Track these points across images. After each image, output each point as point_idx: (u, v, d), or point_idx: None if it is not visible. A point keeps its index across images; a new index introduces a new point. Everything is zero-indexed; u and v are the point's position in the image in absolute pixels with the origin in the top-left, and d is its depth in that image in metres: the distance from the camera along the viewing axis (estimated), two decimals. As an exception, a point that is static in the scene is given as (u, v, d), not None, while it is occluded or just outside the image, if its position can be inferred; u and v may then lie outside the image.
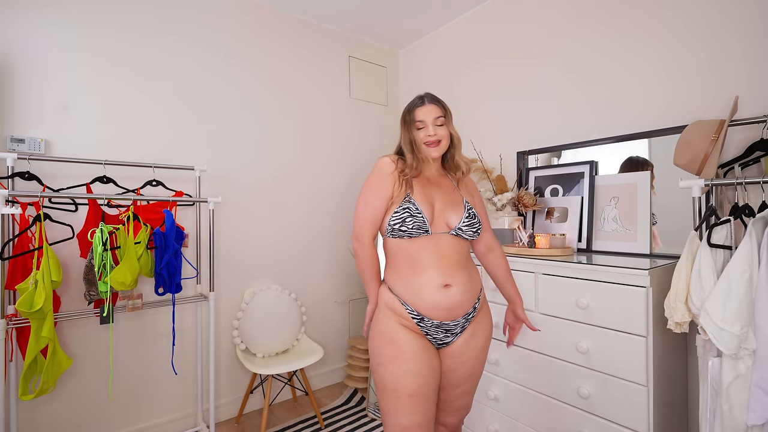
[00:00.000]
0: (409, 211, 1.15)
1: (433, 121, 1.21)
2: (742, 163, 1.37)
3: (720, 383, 1.16)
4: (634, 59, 1.73)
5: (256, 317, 2.19)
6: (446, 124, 1.24)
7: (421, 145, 1.22)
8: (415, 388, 1.11)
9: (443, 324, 1.16)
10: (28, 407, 1.68)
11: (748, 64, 1.43)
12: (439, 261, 1.15)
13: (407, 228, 1.14)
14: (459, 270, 1.18)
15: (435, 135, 1.21)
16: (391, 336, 1.16)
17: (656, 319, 1.28)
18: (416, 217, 1.15)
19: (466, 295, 1.18)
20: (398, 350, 1.14)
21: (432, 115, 1.22)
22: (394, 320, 1.17)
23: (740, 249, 1.12)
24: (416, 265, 1.16)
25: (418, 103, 1.25)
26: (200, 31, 2.16)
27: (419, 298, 1.15)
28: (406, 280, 1.17)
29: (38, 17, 1.73)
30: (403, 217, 1.15)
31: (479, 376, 1.26)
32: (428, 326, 1.16)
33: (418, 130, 1.23)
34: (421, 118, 1.22)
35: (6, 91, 1.66)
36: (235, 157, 2.27)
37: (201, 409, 2.12)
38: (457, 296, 1.15)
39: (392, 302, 1.19)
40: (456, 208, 1.21)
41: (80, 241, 1.70)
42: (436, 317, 1.15)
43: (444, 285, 1.14)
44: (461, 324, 1.19)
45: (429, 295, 1.14)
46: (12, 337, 1.56)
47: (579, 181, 1.87)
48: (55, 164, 1.74)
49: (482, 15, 2.40)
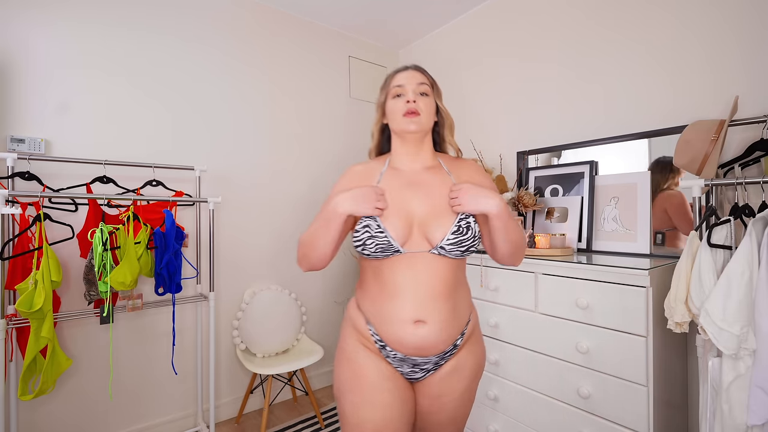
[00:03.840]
0: (369, 229, 0.90)
1: (415, 87, 0.98)
2: (742, 163, 1.37)
3: (720, 383, 1.16)
4: (634, 59, 1.73)
5: (256, 317, 2.19)
6: (432, 95, 1.00)
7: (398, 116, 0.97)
8: (380, 423, 0.90)
9: (409, 359, 0.94)
10: (27, 407, 1.68)
11: (748, 64, 1.43)
12: (413, 288, 0.91)
13: (369, 251, 0.91)
14: (439, 302, 0.92)
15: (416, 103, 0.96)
16: (351, 357, 0.96)
17: (656, 319, 1.28)
18: (377, 238, 0.90)
19: (444, 334, 0.93)
20: (359, 375, 0.94)
21: (414, 80, 0.98)
22: (356, 339, 0.98)
23: (740, 249, 1.12)
24: (385, 288, 0.93)
25: (400, 68, 1.02)
26: (200, 31, 2.16)
27: (385, 328, 0.93)
28: (373, 303, 0.96)
29: (38, 17, 1.73)
30: (363, 239, 0.91)
31: (465, 419, 1.05)
32: (391, 356, 0.95)
33: (394, 99, 0.99)
34: (400, 83, 0.98)
35: (6, 91, 1.66)
36: (235, 157, 2.27)
37: (201, 409, 2.12)
38: (431, 336, 0.91)
39: (356, 318, 1.00)
40: (441, 218, 0.93)
41: (80, 241, 1.70)
42: (401, 351, 0.94)
43: (416, 321, 0.90)
44: (434, 361, 0.96)
45: (396, 330, 0.92)
46: (12, 337, 1.56)
47: (579, 181, 1.87)
48: (55, 164, 1.74)
49: (482, 16, 2.40)
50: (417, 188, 0.98)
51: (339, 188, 0.99)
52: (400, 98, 0.98)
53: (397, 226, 0.92)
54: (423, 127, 0.98)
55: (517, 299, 1.62)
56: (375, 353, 0.96)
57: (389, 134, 1.07)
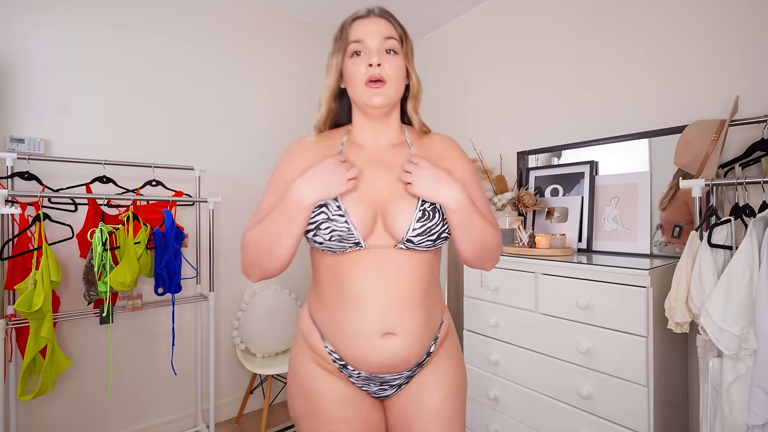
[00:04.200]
0: (326, 211, 0.72)
1: (380, 43, 0.76)
2: (742, 163, 1.37)
3: (720, 383, 1.15)
4: (634, 59, 1.73)
5: (256, 317, 2.19)
6: (402, 54, 0.79)
7: (358, 84, 0.76)
8: None
9: (376, 377, 0.79)
10: (27, 407, 1.68)
11: (748, 63, 1.43)
12: (379, 293, 0.74)
13: (322, 239, 0.72)
14: (413, 308, 0.76)
15: (381, 67, 0.75)
16: (304, 384, 0.80)
17: (657, 319, 1.28)
18: (335, 222, 0.72)
19: (418, 346, 0.78)
20: (315, 406, 0.78)
21: (378, 34, 0.76)
22: (311, 359, 0.81)
23: (741, 249, 1.12)
24: (345, 294, 0.75)
25: (360, 13, 0.80)
26: (199, 32, 2.15)
27: (345, 343, 0.77)
28: (329, 313, 0.79)
29: (38, 17, 1.72)
30: (317, 221, 0.72)
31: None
32: (354, 376, 0.80)
33: (352, 58, 0.77)
34: (359, 36, 0.76)
35: (5, 91, 1.66)
36: (235, 157, 2.27)
37: (201, 409, 2.12)
38: (403, 350, 0.76)
39: (309, 333, 0.82)
40: (402, 203, 0.75)
41: (80, 241, 1.70)
42: (366, 370, 0.78)
43: (384, 333, 0.74)
44: (405, 375, 0.81)
45: (360, 345, 0.75)
46: (11, 338, 1.56)
47: (579, 181, 1.87)
48: (55, 164, 1.73)
49: (481, 16, 2.40)
50: (379, 168, 0.79)
51: (289, 167, 0.81)
52: (359, 58, 0.76)
53: (360, 209, 0.73)
54: (390, 100, 0.78)
55: (517, 299, 1.62)
56: (334, 374, 0.80)
57: (349, 103, 0.86)
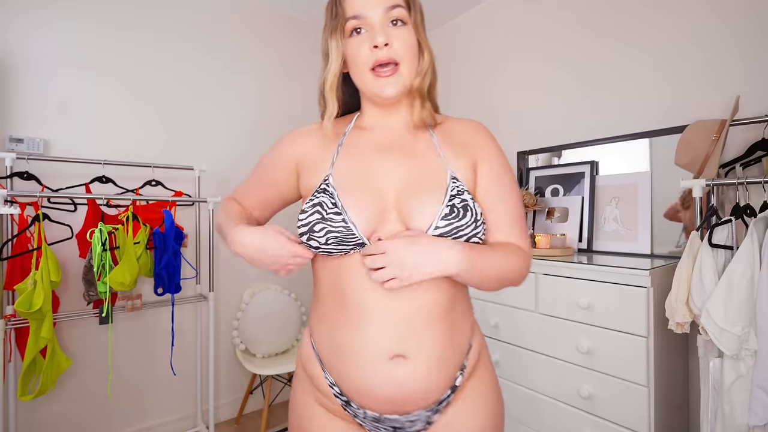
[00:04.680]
0: (321, 209, 0.62)
1: (384, 15, 0.62)
2: (743, 163, 1.37)
3: (721, 384, 1.15)
4: (635, 59, 1.72)
5: (256, 317, 2.18)
6: (411, 23, 0.65)
7: (362, 71, 0.64)
8: None
9: (386, 418, 0.64)
10: (27, 408, 1.68)
11: (749, 63, 1.43)
12: (390, 304, 0.61)
13: (317, 242, 0.62)
14: (429, 325, 0.62)
15: (389, 46, 0.62)
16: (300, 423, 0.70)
17: (657, 320, 1.27)
18: (331, 222, 0.61)
19: (436, 375, 0.63)
20: None
21: (381, 3, 0.62)
22: (310, 394, 0.69)
23: (741, 249, 1.12)
24: (346, 306, 0.63)
25: None
26: (199, 32, 2.15)
27: (347, 371, 0.63)
28: (330, 332, 0.66)
29: (38, 17, 1.72)
30: (310, 223, 0.62)
31: None
32: (360, 416, 0.65)
33: (350, 38, 0.65)
34: (356, 11, 0.62)
35: (5, 91, 1.65)
36: (235, 157, 2.27)
37: (201, 409, 2.12)
38: (416, 380, 0.61)
39: (309, 361, 0.70)
40: (424, 195, 0.64)
41: (79, 241, 1.70)
42: (373, 408, 0.63)
43: (392, 356, 0.61)
44: (424, 418, 0.65)
45: (362, 371, 0.62)
46: (11, 338, 1.55)
47: (580, 181, 1.87)
48: (54, 164, 1.73)
49: (480, 16, 2.40)
50: (392, 154, 0.67)
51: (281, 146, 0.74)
52: (359, 37, 0.63)
53: (363, 205, 0.63)
54: (406, 86, 0.66)
55: (517, 299, 1.62)
56: (338, 414, 0.67)
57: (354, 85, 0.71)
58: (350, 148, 0.69)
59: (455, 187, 0.64)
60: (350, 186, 0.64)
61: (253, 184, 0.78)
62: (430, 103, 0.71)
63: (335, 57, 0.65)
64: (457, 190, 0.64)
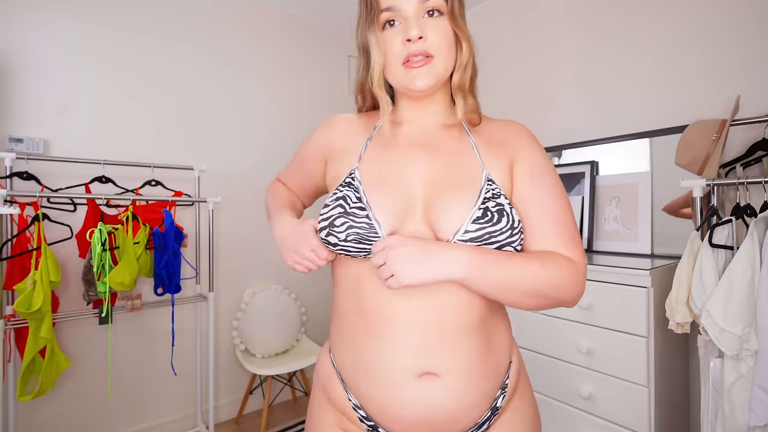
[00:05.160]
0: (344, 203, 0.60)
1: (418, 6, 0.59)
2: (743, 162, 1.37)
3: (721, 384, 1.15)
4: (635, 58, 1.72)
5: (256, 317, 2.18)
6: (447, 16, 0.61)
7: (394, 65, 0.61)
8: None
9: None
10: (26, 408, 1.67)
11: (749, 63, 1.42)
12: (418, 314, 0.57)
13: (336, 239, 0.58)
14: (464, 339, 0.58)
15: (423, 39, 0.59)
16: None
17: (657, 320, 1.27)
18: (354, 217, 0.58)
19: (474, 395, 0.58)
20: None
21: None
22: (331, 416, 0.64)
23: (742, 249, 1.11)
24: (368, 316, 0.59)
25: None
26: (199, 33, 2.15)
27: (370, 389, 0.59)
28: (351, 344, 0.62)
29: (38, 17, 1.72)
30: (331, 217, 0.59)
31: None
32: None
33: (384, 31, 0.61)
34: (389, 2, 0.59)
35: (4, 91, 1.65)
36: (235, 157, 2.27)
37: (200, 409, 2.11)
38: (451, 400, 0.56)
39: (329, 382, 0.65)
40: (454, 196, 0.59)
41: (79, 241, 1.70)
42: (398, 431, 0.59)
43: (421, 373, 0.56)
44: None
45: (388, 391, 0.57)
46: (10, 338, 1.55)
47: (580, 180, 1.87)
48: (54, 164, 1.73)
49: (480, 16, 2.40)
50: (424, 151, 0.64)
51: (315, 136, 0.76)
52: (393, 29, 0.60)
53: (390, 200, 0.59)
54: (440, 78, 0.62)
55: (517, 299, 1.61)
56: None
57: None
58: (380, 143, 0.66)
59: (491, 190, 0.59)
60: (377, 181, 0.61)
61: (293, 169, 0.80)
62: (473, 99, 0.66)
63: (377, 51, 0.61)
64: (493, 192, 0.59)
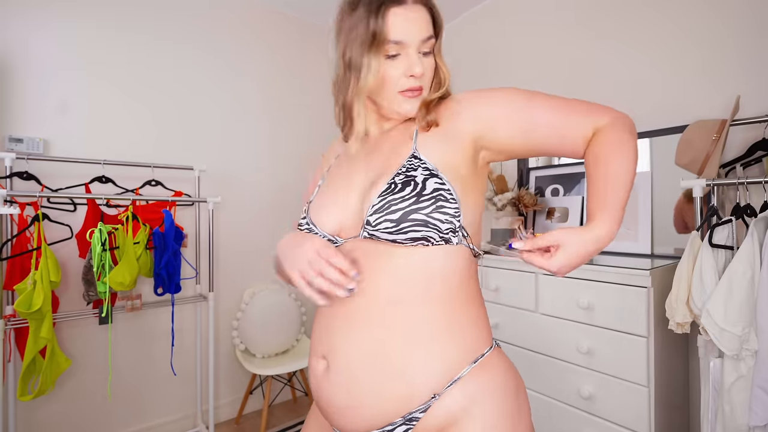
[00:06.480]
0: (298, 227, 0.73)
1: (419, 46, 0.63)
2: (743, 162, 1.37)
3: (721, 384, 1.15)
4: (635, 58, 1.72)
5: (256, 318, 2.18)
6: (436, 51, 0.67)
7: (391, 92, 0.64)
8: None
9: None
10: (26, 408, 1.68)
11: (749, 63, 1.42)
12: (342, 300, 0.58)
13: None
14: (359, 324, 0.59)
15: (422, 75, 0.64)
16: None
17: (657, 320, 1.27)
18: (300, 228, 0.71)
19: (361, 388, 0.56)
20: None
21: (420, 33, 0.62)
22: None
23: (742, 249, 1.11)
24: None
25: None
26: (199, 33, 2.15)
27: None
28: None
29: (38, 17, 1.72)
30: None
31: None
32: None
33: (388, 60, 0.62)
34: (399, 37, 0.61)
35: (5, 91, 1.65)
36: (235, 157, 2.27)
37: (200, 409, 2.11)
38: (335, 384, 0.57)
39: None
40: (380, 180, 0.62)
41: (79, 241, 1.70)
42: (330, 420, 0.61)
43: (320, 356, 0.61)
44: None
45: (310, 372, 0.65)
46: (10, 338, 1.55)
47: (580, 180, 1.87)
48: (54, 164, 1.73)
49: (480, 17, 2.39)
50: (378, 149, 0.69)
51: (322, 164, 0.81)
52: (395, 61, 0.62)
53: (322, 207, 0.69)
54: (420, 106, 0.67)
55: (517, 299, 1.62)
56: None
57: None
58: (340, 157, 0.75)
59: (408, 167, 0.61)
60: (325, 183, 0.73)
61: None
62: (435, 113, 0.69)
63: (371, 73, 0.62)
64: (409, 167, 0.61)
